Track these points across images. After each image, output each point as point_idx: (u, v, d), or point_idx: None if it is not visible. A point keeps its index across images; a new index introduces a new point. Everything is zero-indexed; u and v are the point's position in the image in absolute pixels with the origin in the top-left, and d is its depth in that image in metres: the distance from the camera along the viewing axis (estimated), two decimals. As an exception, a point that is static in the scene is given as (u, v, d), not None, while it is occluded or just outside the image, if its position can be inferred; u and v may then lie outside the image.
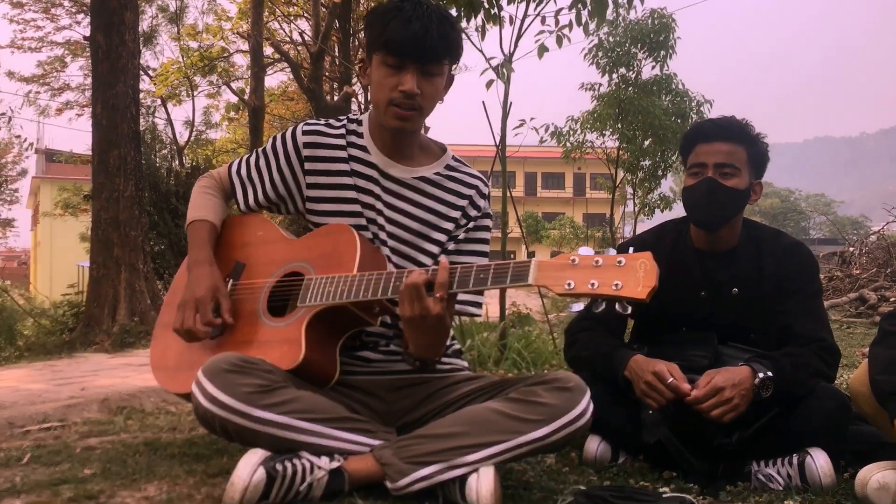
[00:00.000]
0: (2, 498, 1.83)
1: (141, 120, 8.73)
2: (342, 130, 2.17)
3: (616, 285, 1.60)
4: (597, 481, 2.13)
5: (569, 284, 1.64)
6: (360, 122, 2.19)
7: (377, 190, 2.12)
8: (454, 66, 2.12)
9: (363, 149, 2.15)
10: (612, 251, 1.66)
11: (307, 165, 2.13)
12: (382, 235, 2.10)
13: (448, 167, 2.19)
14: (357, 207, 2.11)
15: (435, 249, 2.12)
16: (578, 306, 1.68)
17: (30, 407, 3.11)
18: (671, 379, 2.12)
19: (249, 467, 1.68)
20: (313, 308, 1.95)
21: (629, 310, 1.62)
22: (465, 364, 2.24)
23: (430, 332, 1.86)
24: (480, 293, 2.14)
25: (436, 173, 2.17)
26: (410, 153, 2.15)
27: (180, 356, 2.13)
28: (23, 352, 7.33)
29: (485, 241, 2.21)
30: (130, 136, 7.77)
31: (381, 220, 2.11)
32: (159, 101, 22.81)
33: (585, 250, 1.68)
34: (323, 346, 1.96)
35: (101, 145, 7.72)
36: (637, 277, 1.59)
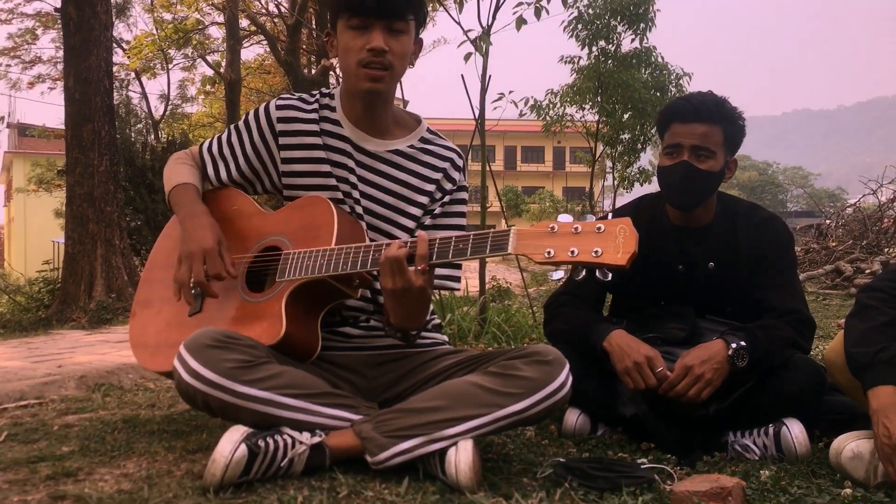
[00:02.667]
0: (-21, 476, 1.82)
1: (115, 94, 8.60)
2: (315, 105, 2.15)
3: (596, 252, 1.58)
4: (576, 453, 2.15)
5: (548, 252, 1.62)
6: (332, 97, 2.16)
7: (351, 164, 2.10)
8: (421, 30, 2.10)
9: (336, 123, 2.13)
10: (592, 217, 1.64)
11: (282, 140, 2.11)
12: (358, 209, 2.09)
13: (423, 140, 2.18)
14: (332, 181, 2.09)
15: (410, 224, 2.11)
16: (558, 274, 1.67)
17: (6, 384, 3.08)
18: (661, 368, 2.14)
19: (231, 444, 1.68)
20: (292, 283, 1.94)
21: (609, 276, 1.60)
22: (445, 339, 2.24)
23: (412, 303, 1.86)
24: (458, 267, 2.14)
25: (410, 146, 2.15)
26: (384, 126, 2.13)
27: (160, 334, 2.11)
28: (-2, 329, 7.25)
29: (461, 215, 2.20)
30: (104, 109, 7.66)
31: (355, 194, 2.09)
32: (133, 75, 22.44)
33: (565, 217, 1.66)
34: (304, 320, 1.96)
35: (74, 119, 7.60)
36: (617, 244, 1.58)
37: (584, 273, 1.62)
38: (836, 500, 1.77)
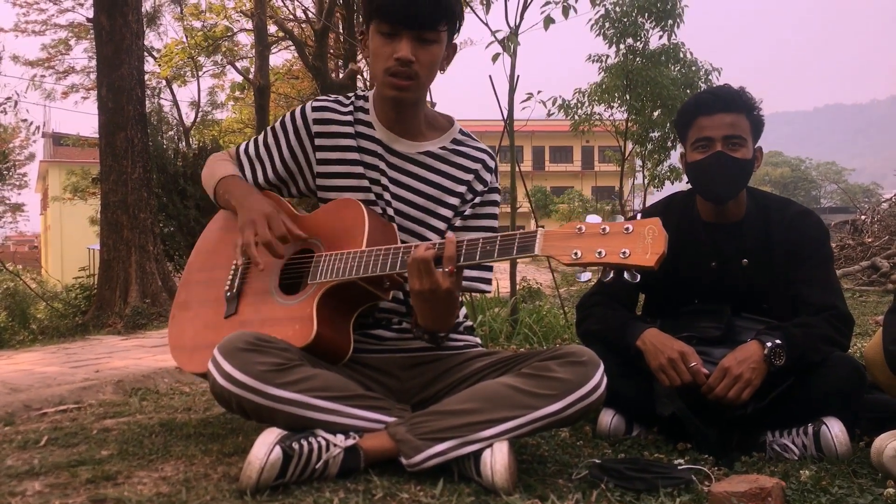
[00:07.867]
0: (21, 480, 1.85)
1: (147, 102, 8.73)
2: (350, 108, 2.16)
3: (624, 253, 1.57)
4: (611, 454, 2.13)
5: (575, 254, 1.61)
6: (366, 99, 2.18)
7: (382, 166, 2.11)
8: (455, 36, 2.09)
9: (368, 125, 2.14)
10: (620, 218, 1.63)
11: (317, 142, 2.13)
12: (390, 211, 2.09)
13: (454, 141, 2.18)
14: (366, 183, 2.10)
15: (441, 225, 2.11)
16: (586, 275, 1.65)
17: (45, 390, 3.14)
18: (694, 363, 2.12)
19: (266, 447, 1.69)
20: (324, 285, 1.95)
21: (638, 278, 1.58)
22: (478, 340, 2.23)
23: (439, 305, 1.86)
24: (489, 269, 2.13)
25: (441, 147, 2.15)
26: (415, 128, 2.14)
27: (197, 335, 2.14)
28: (36, 335, 7.41)
29: (492, 217, 2.20)
30: (136, 118, 7.78)
31: (387, 196, 2.10)
32: (164, 83, 22.77)
33: (593, 218, 1.64)
34: (335, 323, 1.97)
35: (107, 128, 7.73)
36: (645, 244, 1.56)
37: (612, 274, 1.60)
38: (878, 500, 1.74)
